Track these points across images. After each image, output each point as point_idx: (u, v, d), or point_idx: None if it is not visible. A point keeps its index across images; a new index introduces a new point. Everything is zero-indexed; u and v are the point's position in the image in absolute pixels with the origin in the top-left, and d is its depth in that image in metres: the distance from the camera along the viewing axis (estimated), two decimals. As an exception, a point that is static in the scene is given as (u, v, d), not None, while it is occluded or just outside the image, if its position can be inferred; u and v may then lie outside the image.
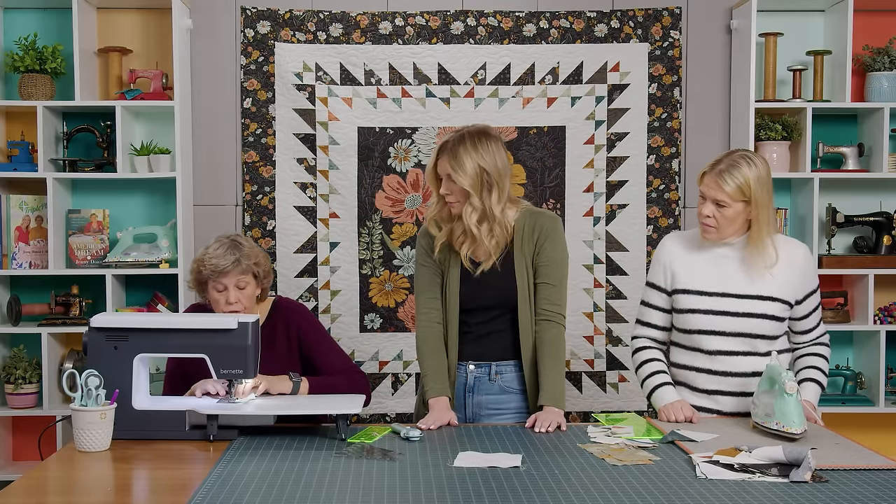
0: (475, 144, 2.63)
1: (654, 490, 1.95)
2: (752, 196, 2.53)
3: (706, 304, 2.62)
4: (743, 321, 2.59)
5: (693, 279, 2.65)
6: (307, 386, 2.66)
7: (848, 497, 1.91)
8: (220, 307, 2.69)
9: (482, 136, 2.66)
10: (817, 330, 2.73)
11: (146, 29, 4.04)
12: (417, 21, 4.04)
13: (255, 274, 2.71)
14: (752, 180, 2.52)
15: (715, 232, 2.60)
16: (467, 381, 2.76)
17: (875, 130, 3.99)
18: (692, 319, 2.64)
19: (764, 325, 2.59)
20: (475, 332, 2.75)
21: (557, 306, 2.70)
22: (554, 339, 2.67)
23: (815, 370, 2.69)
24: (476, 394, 2.76)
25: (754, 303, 2.59)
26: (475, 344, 2.76)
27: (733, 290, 2.61)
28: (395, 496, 1.91)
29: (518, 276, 2.69)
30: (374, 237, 4.06)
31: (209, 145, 4.06)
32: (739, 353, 2.62)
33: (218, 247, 2.69)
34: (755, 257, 2.59)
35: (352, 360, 2.81)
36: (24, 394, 3.84)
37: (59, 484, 2.09)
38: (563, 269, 2.73)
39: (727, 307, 2.60)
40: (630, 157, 4.08)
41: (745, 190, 2.52)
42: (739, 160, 2.55)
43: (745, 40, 3.94)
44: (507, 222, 2.69)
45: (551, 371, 2.64)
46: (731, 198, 2.53)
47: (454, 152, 2.63)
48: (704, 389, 2.66)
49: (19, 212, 3.88)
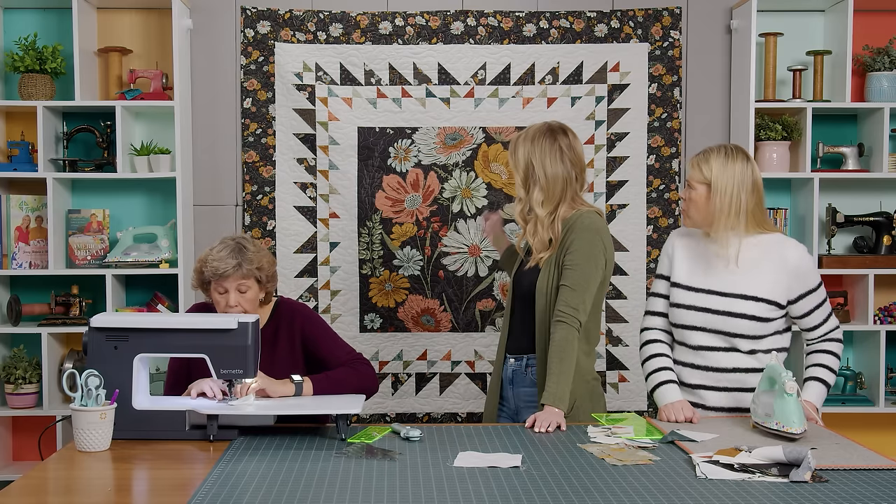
0: (535, 139, 2.71)
1: (654, 490, 1.95)
2: (711, 180, 2.59)
3: (691, 300, 2.67)
4: (722, 319, 2.63)
5: (685, 274, 2.71)
6: (311, 385, 2.62)
7: (848, 497, 1.91)
8: (220, 308, 2.68)
9: (550, 133, 2.73)
10: (825, 326, 2.70)
11: (146, 29, 4.04)
12: (417, 21, 4.04)
13: (258, 279, 2.68)
14: (717, 166, 2.59)
15: (687, 216, 2.68)
16: (508, 374, 2.86)
17: (875, 130, 3.99)
18: (678, 314, 2.69)
19: (742, 324, 2.61)
20: (513, 324, 2.86)
21: (573, 309, 2.68)
22: (562, 340, 2.66)
23: (820, 368, 2.68)
24: (516, 385, 2.83)
25: (736, 302, 2.61)
26: (513, 336, 2.86)
27: (718, 287, 2.64)
28: (395, 496, 1.91)
29: (542, 273, 2.74)
30: (374, 237, 4.06)
31: (209, 145, 4.06)
32: (720, 349, 2.65)
33: (221, 249, 2.66)
34: (712, 247, 2.64)
35: (355, 350, 2.80)
36: (24, 394, 3.84)
37: (59, 484, 2.09)
38: (584, 272, 2.70)
39: (709, 304, 2.64)
40: (630, 157, 4.08)
41: (706, 173, 2.59)
42: (717, 148, 2.64)
43: (745, 40, 3.94)
44: (555, 225, 2.73)
45: (555, 371, 2.64)
46: (696, 180, 2.62)
47: (516, 142, 2.75)
48: (689, 384, 2.70)
49: (19, 212, 3.88)
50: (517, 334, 2.85)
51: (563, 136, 2.73)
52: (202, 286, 2.72)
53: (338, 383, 2.66)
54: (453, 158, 4.06)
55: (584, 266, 2.69)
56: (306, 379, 2.63)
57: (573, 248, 2.70)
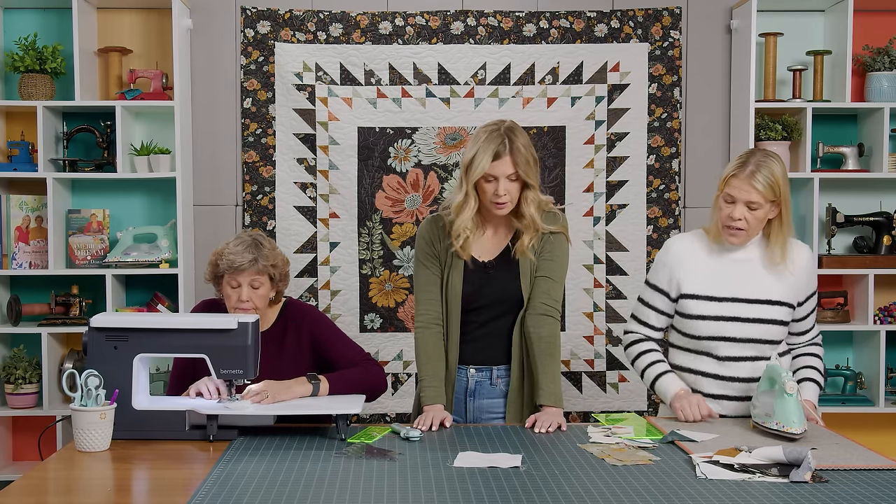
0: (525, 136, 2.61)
1: (654, 490, 1.95)
2: (781, 194, 2.50)
3: (716, 311, 2.58)
4: (754, 327, 2.56)
5: (701, 284, 2.61)
6: (327, 385, 2.61)
7: (848, 497, 1.91)
8: (231, 303, 2.68)
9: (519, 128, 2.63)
10: (814, 330, 2.74)
11: (146, 29, 4.04)
12: (417, 21, 4.04)
13: (272, 276, 2.70)
14: (781, 178, 2.50)
15: (745, 235, 2.54)
16: (468, 386, 2.74)
17: (875, 130, 3.98)
18: (702, 326, 2.60)
19: (773, 330, 2.58)
20: (475, 334, 2.72)
21: (556, 302, 2.67)
22: (551, 336, 2.64)
23: (812, 370, 2.68)
24: (477, 398, 2.74)
25: (763, 308, 2.56)
26: (475, 347, 2.72)
27: (742, 294, 2.57)
28: (395, 496, 1.91)
29: (522, 275, 2.67)
30: (374, 237, 4.06)
31: (209, 145, 4.06)
32: (748, 358, 2.59)
33: (238, 243, 2.69)
34: (775, 257, 2.56)
35: (364, 350, 2.80)
36: (24, 394, 3.84)
37: (59, 484, 2.09)
38: (563, 265, 2.71)
39: (737, 313, 2.57)
40: (630, 157, 4.08)
41: (775, 189, 2.49)
42: (766, 159, 2.50)
43: (745, 40, 3.94)
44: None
45: (549, 369, 2.62)
46: (763, 198, 2.48)
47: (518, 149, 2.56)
48: (710, 394, 2.63)
49: (19, 212, 3.88)
50: (480, 345, 2.71)
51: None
52: (215, 280, 2.74)
53: (352, 382, 2.65)
54: (453, 158, 4.06)
55: (564, 259, 2.70)
56: (323, 378, 2.61)
57: (555, 239, 2.68)
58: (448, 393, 2.70)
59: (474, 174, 2.56)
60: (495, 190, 2.57)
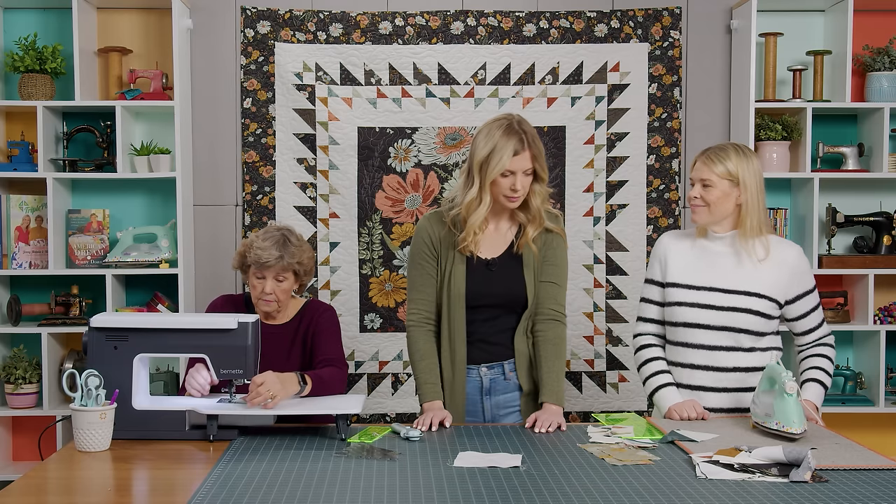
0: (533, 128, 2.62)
1: (654, 490, 1.95)
2: (739, 177, 2.59)
3: (693, 298, 2.66)
4: (728, 315, 2.63)
5: (683, 273, 2.70)
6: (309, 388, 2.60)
7: (848, 497, 1.91)
8: (256, 293, 2.80)
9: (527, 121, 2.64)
10: (819, 331, 2.74)
11: (146, 29, 4.04)
12: (417, 21, 4.04)
13: (296, 271, 2.81)
14: (739, 162, 2.60)
15: (703, 211, 2.64)
16: (483, 384, 2.74)
17: (875, 130, 3.99)
18: (679, 312, 2.68)
19: (749, 319, 2.62)
20: (481, 332, 2.71)
21: (562, 306, 2.72)
22: (557, 339, 2.68)
23: (817, 370, 2.69)
24: (493, 395, 2.74)
25: (740, 298, 2.62)
26: (483, 345, 2.72)
27: (721, 284, 2.65)
28: (395, 496, 1.91)
29: (526, 270, 2.69)
30: (374, 237, 4.06)
31: (209, 145, 4.06)
32: (723, 347, 2.65)
33: (266, 238, 2.78)
34: (756, 252, 2.63)
35: (344, 356, 2.83)
36: (24, 394, 3.84)
37: (59, 484, 2.09)
38: (564, 270, 2.75)
39: (713, 301, 2.64)
40: (630, 157, 4.08)
41: (731, 170, 2.59)
42: (728, 146, 2.65)
43: (745, 40, 3.94)
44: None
45: (553, 368, 2.65)
46: (717, 176, 2.60)
47: (534, 143, 2.58)
48: (689, 385, 2.69)
49: (19, 212, 3.88)
50: (489, 342, 2.71)
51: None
52: (241, 268, 2.86)
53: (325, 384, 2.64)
54: (453, 158, 4.06)
55: (566, 263, 2.75)
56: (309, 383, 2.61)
57: (556, 243, 2.71)
58: (458, 394, 2.70)
59: (493, 171, 2.56)
60: (512, 185, 2.58)
